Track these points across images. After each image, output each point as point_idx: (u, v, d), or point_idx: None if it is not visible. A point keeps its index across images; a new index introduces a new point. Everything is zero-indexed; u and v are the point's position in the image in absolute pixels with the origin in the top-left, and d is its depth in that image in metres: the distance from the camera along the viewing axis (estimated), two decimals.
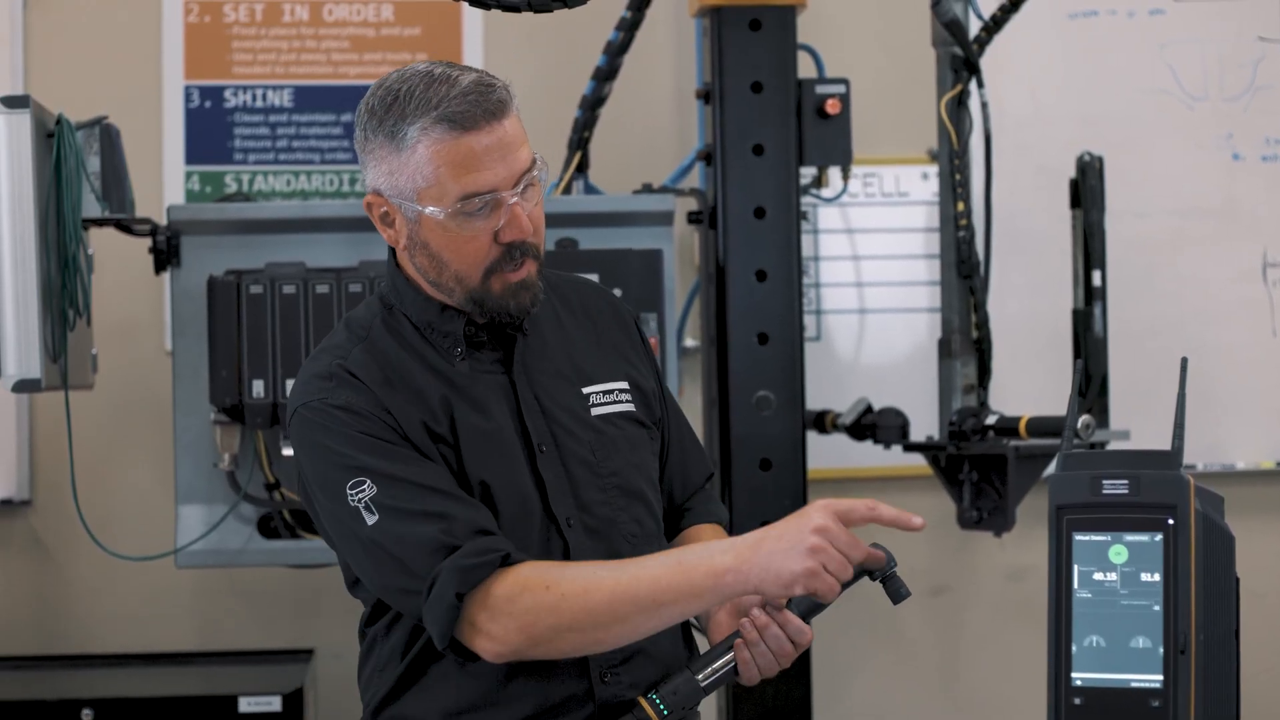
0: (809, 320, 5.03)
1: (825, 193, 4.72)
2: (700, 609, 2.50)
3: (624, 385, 2.76)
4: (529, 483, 2.62)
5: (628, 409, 2.75)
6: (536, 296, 2.63)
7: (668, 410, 2.87)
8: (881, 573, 2.49)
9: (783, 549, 2.40)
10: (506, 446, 2.62)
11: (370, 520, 2.53)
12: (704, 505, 2.91)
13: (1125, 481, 2.30)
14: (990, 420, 4.24)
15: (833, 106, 4.41)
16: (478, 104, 2.52)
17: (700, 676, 2.54)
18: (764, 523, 2.54)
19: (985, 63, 4.40)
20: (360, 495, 2.54)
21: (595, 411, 2.71)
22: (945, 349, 4.42)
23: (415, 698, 2.65)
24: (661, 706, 2.52)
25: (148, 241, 4.17)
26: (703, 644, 2.66)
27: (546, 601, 2.47)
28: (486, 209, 2.55)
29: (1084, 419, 3.99)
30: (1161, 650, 2.26)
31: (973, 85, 4.36)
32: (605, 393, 2.73)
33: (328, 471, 2.58)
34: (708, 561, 2.44)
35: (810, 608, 2.53)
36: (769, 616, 2.52)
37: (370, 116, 2.58)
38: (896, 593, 2.49)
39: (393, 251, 2.70)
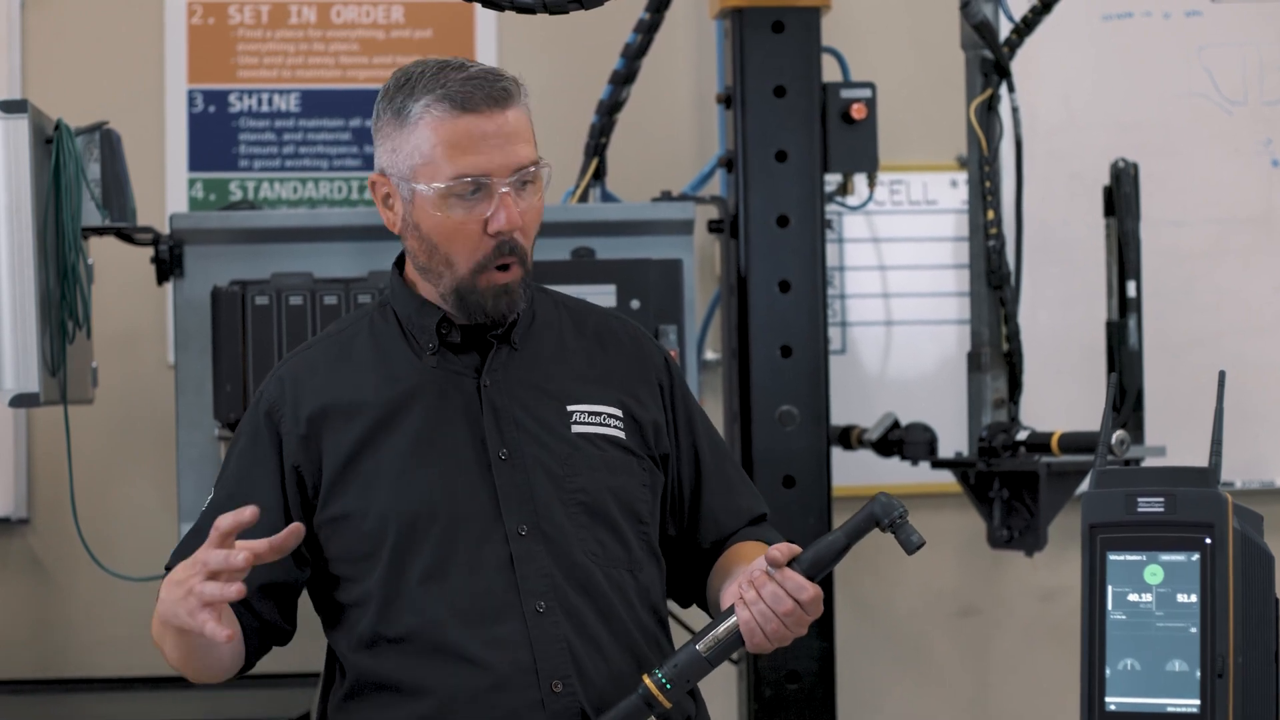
0: (834, 332, 5.00)
1: (850, 200, 4.68)
2: (178, 642, 2.57)
3: (615, 411, 2.76)
4: (475, 489, 2.64)
5: (613, 434, 2.74)
6: (515, 304, 2.69)
7: (700, 450, 2.86)
8: (890, 521, 2.47)
9: (176, 596, 2.45)
10: (448, 450, 2.66)
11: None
12: (756, 533, 2.88)
13: (1161, 499, 2.30)
14: (1021, 436, 4.23)
15: (858, 111, 4.38)
16: (482, 88, 2.59)
17: (701, 647, 2.54)
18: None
19: (1016, 66, 4.38)
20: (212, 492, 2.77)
21: (576, 429, 2.72)
22: (975, 362, 4.40)
23: (360, 706, 2.72)
24: (664, 680, 2.53)
25: (149, 251, 4.14)
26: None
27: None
28: (478, 195, 2.59)
29: (1118, 435, 3.98)
30: (1198, 674, 2.25)
31: (1003, 89, 4.36)
32: (591, 413, 2.74)
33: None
34: (159, 608, 2.51)
35: (811, 564, 2.50)
36: (768, 575, 2.51)
37: (384, 96, 2.67)
38: (909, 540, 2.47)
39: (401, 255, 2.77)
